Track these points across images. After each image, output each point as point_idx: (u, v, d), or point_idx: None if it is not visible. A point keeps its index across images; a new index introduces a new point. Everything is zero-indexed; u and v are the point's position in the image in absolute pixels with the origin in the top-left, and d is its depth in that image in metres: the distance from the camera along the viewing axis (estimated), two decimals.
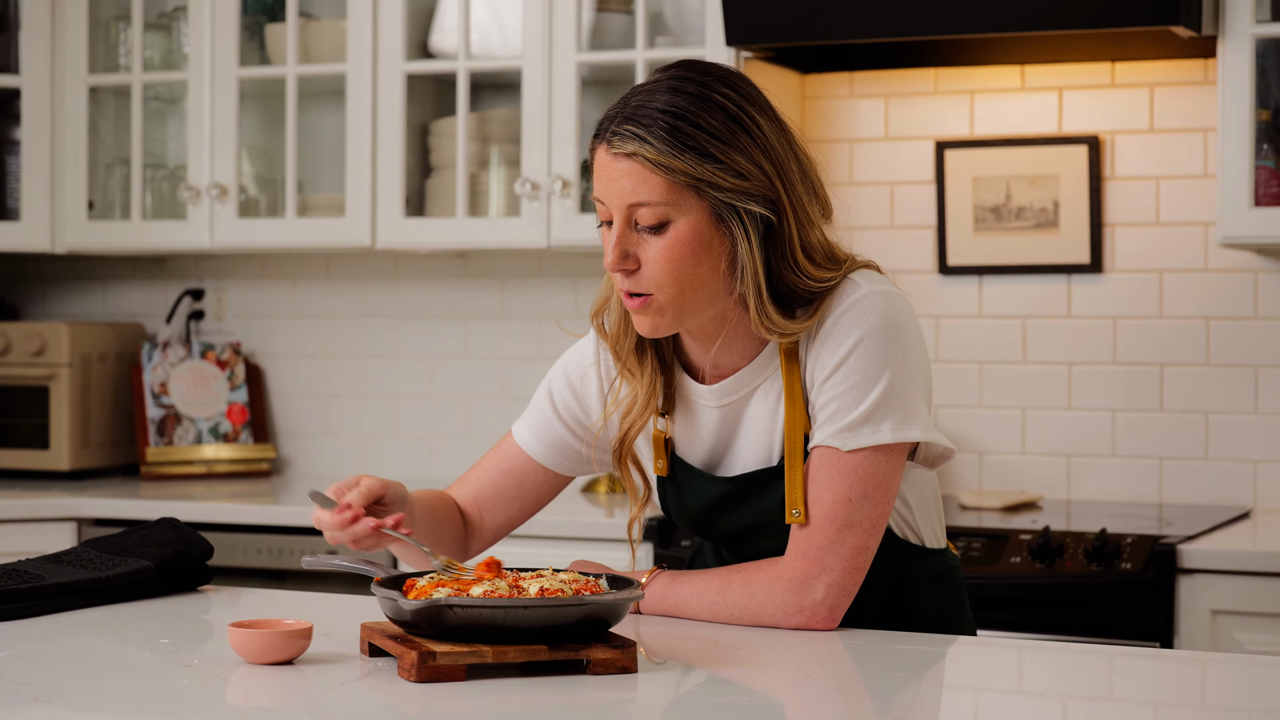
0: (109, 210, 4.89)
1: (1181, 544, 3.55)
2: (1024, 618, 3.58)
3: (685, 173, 2.29)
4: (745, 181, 2.31)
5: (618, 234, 2.33)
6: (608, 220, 2.35)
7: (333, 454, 4.99)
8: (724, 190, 2.30)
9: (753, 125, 2.33)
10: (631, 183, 2.31)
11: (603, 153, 2.34)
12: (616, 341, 2.48)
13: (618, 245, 2.33)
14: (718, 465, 2.51)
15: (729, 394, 2.46)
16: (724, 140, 2.31)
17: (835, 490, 2.36)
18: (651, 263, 2.33)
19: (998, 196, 4.31)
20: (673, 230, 2.31)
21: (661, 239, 2.32)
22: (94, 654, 2.25)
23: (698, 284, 2.34)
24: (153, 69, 4.82)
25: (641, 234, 2.33)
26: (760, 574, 2.41)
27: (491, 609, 2.07)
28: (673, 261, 2.32)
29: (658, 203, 2.30)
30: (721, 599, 2.42)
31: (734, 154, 2.31)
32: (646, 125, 2.30)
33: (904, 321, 2.38)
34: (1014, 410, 4.33)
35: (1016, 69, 4.31)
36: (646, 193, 2.30)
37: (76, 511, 4.37)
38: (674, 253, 2.31)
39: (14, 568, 2.59)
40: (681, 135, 2.29)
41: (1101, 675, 2.29)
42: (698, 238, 2.32)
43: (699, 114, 2.31)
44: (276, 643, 2.13)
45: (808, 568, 2.37)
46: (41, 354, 4.77)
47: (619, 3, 4.43)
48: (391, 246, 4.53)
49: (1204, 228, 4.18)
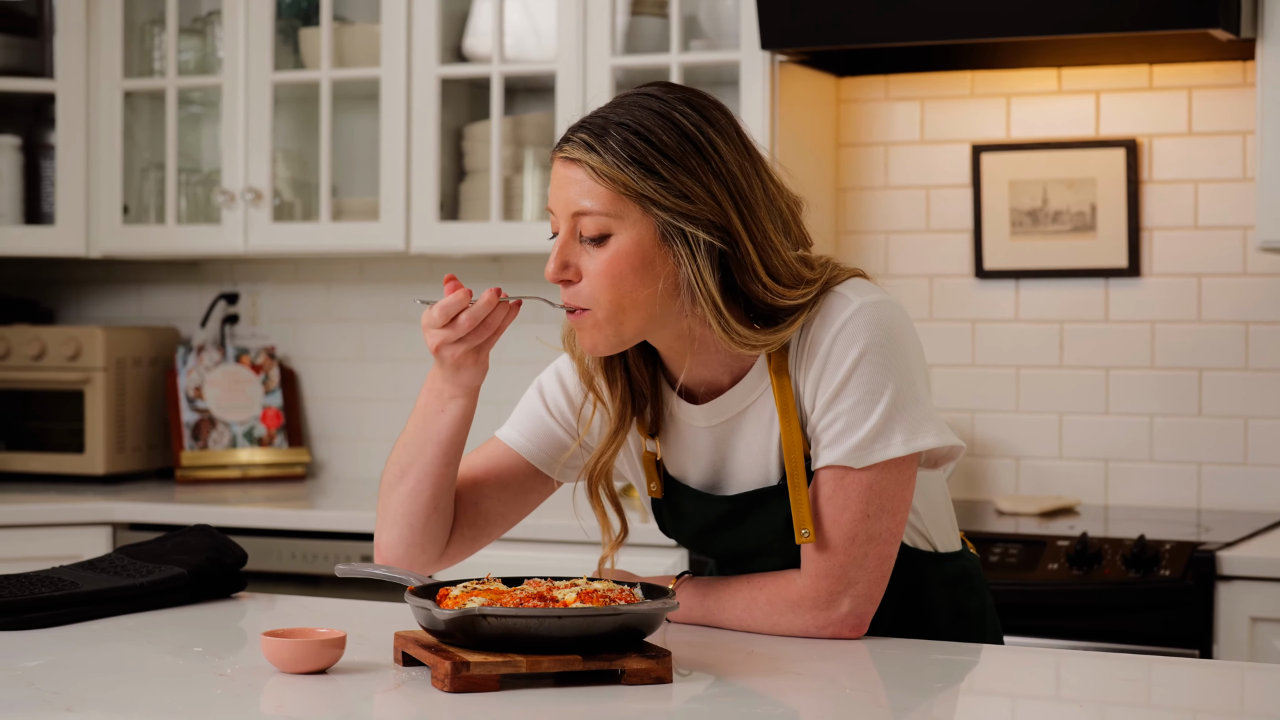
0: (144, 214, 4.89)
1: (1220, 550, 3.53)
2: (1061, 625, 3.56)
3: (627, 185, 2.25)
4: (688, 204, 2.26)
5: (561, 243, 2.30)
6: (555, 230, 2.32)
7: (367, 458, 4.99)
8: (666, 210, 2.26)
9: (708, 148, 2.28)
10: (576, 190, 2.28)
11: (557, 160, 2.32)
12: (580, 365, 2.45)
13: (559, 255, 2.29)
14: (715, 485, 2.48)
15: (719, 414, 2.42)
16: (673, 160, 2.26)
17: (852, 509, 2.34)
18: (590, 275, 2.29)
19: (1034, 200, 4.28)
20: (613, 243, 2.27)
21: (602, 251, 2.28)
22: (126, 662, 2.24)
23: (636, 301, 2.29)
24: (187, 73, 4.83)
25: (585, 245, 2.29)
26: (786, 591, 2.39)
27: (525, 619, 2.05)
28: (610, 276, 2.28)
29: (600, 213, 2.26)
30: (749, 615, 2.41)
31: (681, 174, 2.26)
32: (599, 135, 2.27)
33: (900, 329, 2.35)
34: (1051, 415, 4.31)
35: (1053, 72, 4.29)
36: (590, 201, 2.27)
37: (111, 516, 4.37)
38: (613, 267, 2.27)
39: (48, 575, 2.59)
40: (630, 149, 2.25)
41: (1139, 684, 2.27)
42: (639, 254, 2.27)
43: (653, 130, 2.26)
44: (309, 652, 2.12)
45: (833, 586, 2.36)
46: (77, 358, 4.78)
47: (654, 6, 4.42)
48: (425, 251, 4.52)
49: (1243, 231, 4.15)
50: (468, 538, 2.61)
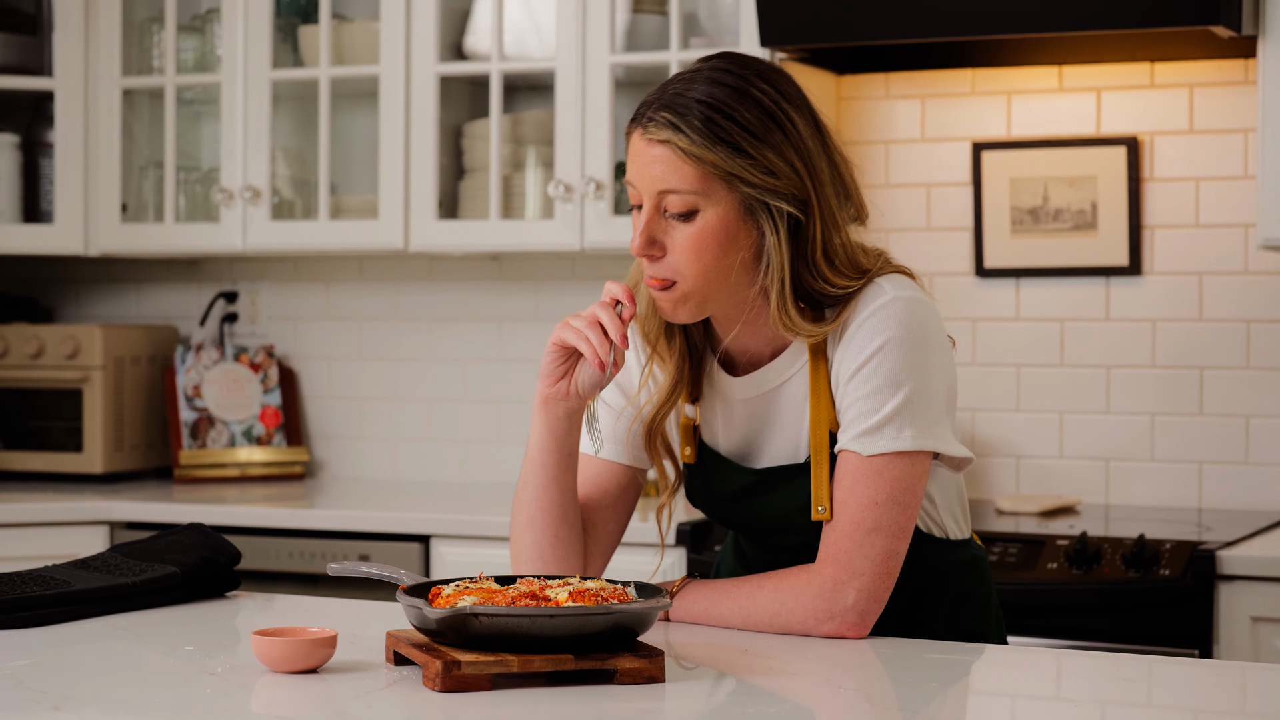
0: (142, 213, 4.88)
1: (1220, 550, 3.51)
2: (1061, 624, 3.54)
3: (716, 165, 2.29)
4: (775, 179, 2.31)
5: (646, 219, 2.34)
6: (638, 204, 2.36)
7: (366, 457, 4.97)
8: (753, 186, 2.31)
9: (788, 123, 2.33)
10: (663, 170, 2.31)
11: (637, 137, 2.35)
12: (645, 324, 2.48)
13: (645, 230, 2.34)
14: (746, 457, 2.50)
15: (757, 387, 2.45)
16: (758, 136, 2.31)
17: (860, 494, 2.35)
18: (677, 250, 2.33)
19: (1035, 198, 4.27)
20: (700, 220, 2.32)
21: (689, 227, 2.32)
22: (116, 661, 2.23)
23: (722, 274, 2.34)
24: (186, 71, 4.81)
25: (670, 221, 2.34)
26: (791, 580, 2.39)
27: (517, 618, 2.04)
28: (698, 251, 2.32)
29: (687, 191, 2.31)
30: (752, 604, 2.40)
31: (766, 150, 2.31)
32: (682, 114, 2.30)
33: (928, 329, 2.37)
34: (1051, 414, 4.30)
35: (1054, 69, 4.27)
36: (677, 181, 2.31)
37: (109, 515, 4.36)
38: (700, 242, 2.32)
39: (40, 574, 2.58)
40: (715, 127, 2.29)
41: (1139, 683, 2.26)
42: (724, 229, 2.32)
43: (735, 107, 2.31)
44: (300, 651, 2.11)
45: (837, 573, 2.35)
46: (75, 357, 4.77)
47: (653, 4, 4.40)
48: (424, 249, 4.51)
49: (1244, 229, 4.13)
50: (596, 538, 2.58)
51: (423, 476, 4.92)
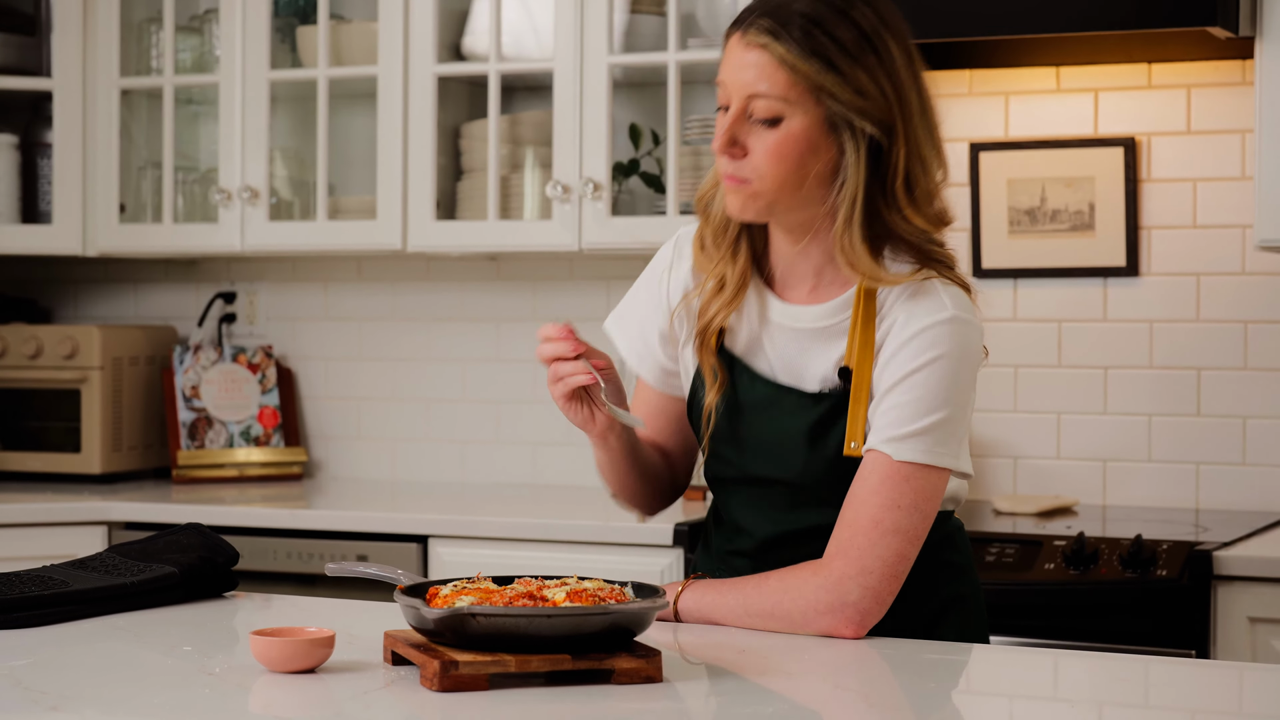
0: (140, 213, 4.88)
1: (1218, 550, 3.51)
2: (1058, 625, 3.54)
3: (808, 76, 2.36)
4: (863, 100, 2.37)
5: (732, 119, 2.41)
6: (725, 105, 2.43)
7: (364, 457, 4.98)
8: (841, 102, 2.37)
9: (884, 48, 2.39)
10: (755, 74, 2.38)
11: (735, 39, 2.42)
12: (718, 227, 2.54)
13: (729, 131, 2.41)
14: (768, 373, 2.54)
15: (797, 319, 2.50)
16: (852, 55, 2.37)
17: (884, 495, 2.39)
18: (758, 153, 2.40)
19: (1033, 199, 4.27)
20: (784, 127, 2.39)
21: (772, 133, 2.39)
22: (114, 662, 2.23)
23: (796, 182, 2.41)
24: (184, 71, 4.82)
25: (754, 124, 2.40)
26: (797, 571, 2.42)
27: (515, 618, 2.04)
28: (778, 155, 2.39)
29: (776, 98, 2.38)
30: (757, 595, 2.42)
31: (859, 70, 2.37)
32: (783, 23, 2.37)
33: (975, 358, 2.45)
34: (1049, 414, 4.30)
35: (1052, 70, 4.28)
36: (767, 86, 2.38)
37: (107, 515, 4.36)
38: (780, 148, 2.39)
39: (38, 574, 2.58)
40: (813, 40, 2.37)
41: (1137, 684, 2.26)
42: (806, 139, 2.39)
43: (835, 24, 2.38)
44: (298, 651, 2.11)
45: (845, 566, 2.38)
46: (73, 357, 4.77)
47: (651, 4, 4.40)
48: (422, 249, 4.51)
49: (1242, 230, 4.14)
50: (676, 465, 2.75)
51: (421, 477, 4.92)
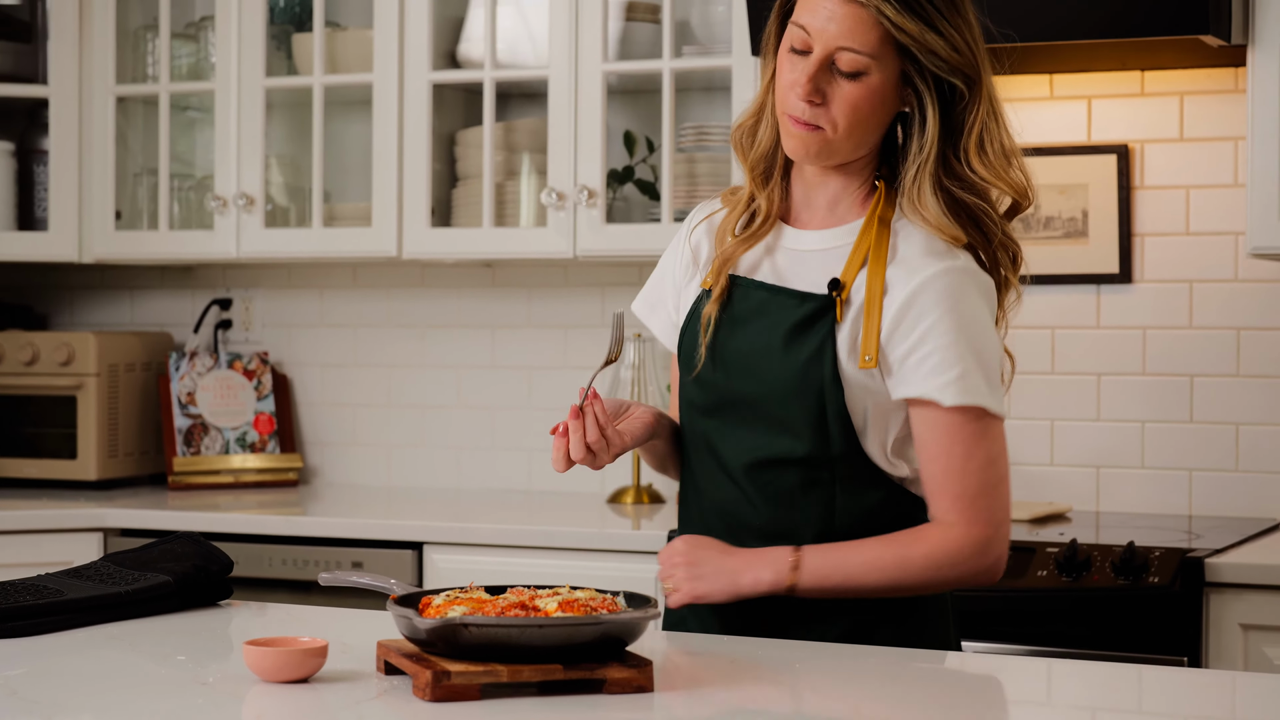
0: (136, 220, 4.89)
1: (1209, 558, 3.52)
2: (1050, 631, 3.55)
3: (912, 35, 2.43)
4: (958, 56, 2.46)
5: (814, 69, 2.45)
6: (803, 50, 2.47)
7: (360, 463, 4.99)
8: (939, 59, 2.45)
9: (965, 5, 2.49)
10: (849, 27, 2.44)
11: None
12: (761, 157, 2.59)
13: (812, 80, 2.45)
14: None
15: (804, 243, 2.56)
16: (943, 14, 2.45)
17: (982, 453, 2.47)
18: (838, 102, 2.46)
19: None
20: (866, 81, 2.45)
21: (854, 85, 2.45)
22: (109, 671, 2.24)
23: (866, 132, 2.49)
24: (180, 79, 4.83)
25: (834, 75, 2.46)
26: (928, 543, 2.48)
27: (507, 628, 2.05)
28: (858, 108, 2.46)
29: (866, 54, 2.44)
30: (901, 572, 2.47)
31: (951, 29, 2.45)
32: None
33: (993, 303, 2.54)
34: (1043, 421, 4.31)
35: (1045, 78, 4.29)
36: (861, 42, 2.43)
37: (103, 522, 4.37)
38: (862, 101, 2.46)
39: (33, 582, 2.59)
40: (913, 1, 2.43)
41: (1129, 692, 2.27)
42: (883, 93, 2.46)
43: None
44: (292, 661, 2.12)
45: (987, 532, 2.48)
46: (69, 363, 4.78)
47: (646, 12, 4.42)
48: (417, 257, 4.52)
49: (1234, 237, 4.15)
50: None
51: (416, 483, 4.93)
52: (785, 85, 2.48)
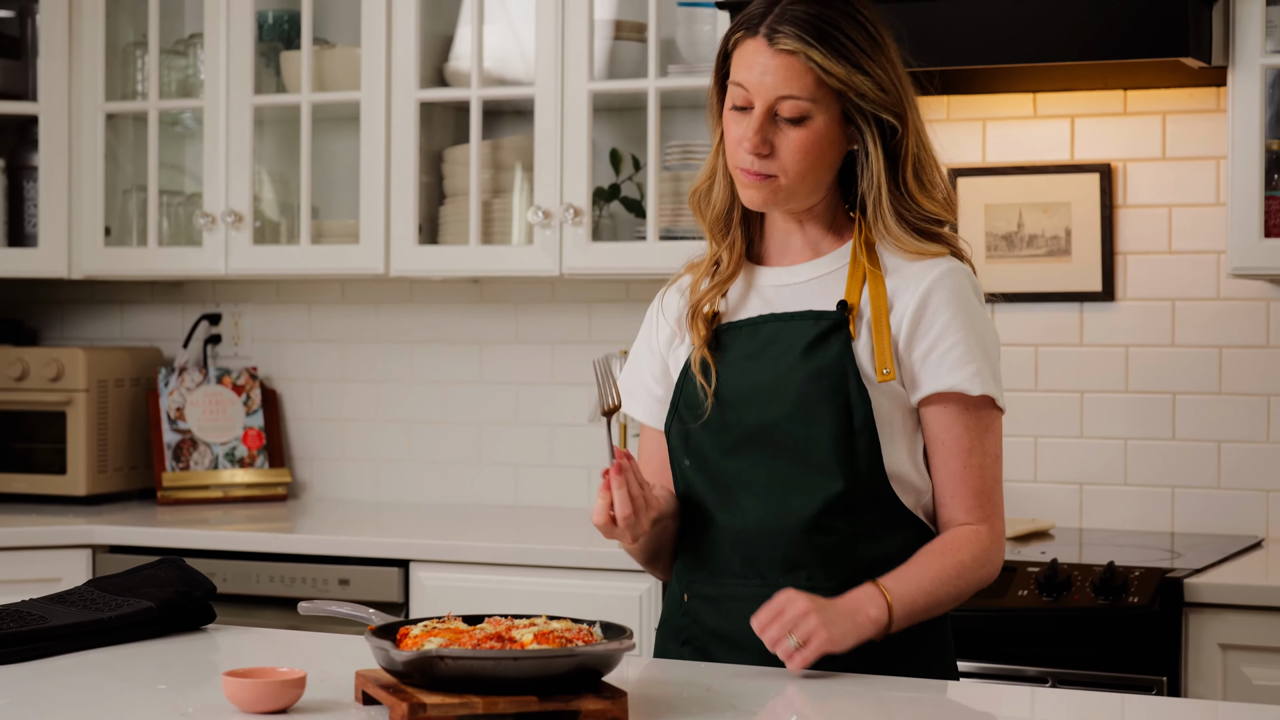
0: (126, 236, 4.91)
1: (1188, 578, 3.54)
2: (1031, 651, 3.57)
3: (840, 78, 2.52)
4: (884, 94, 2.55)
5: (759, 121, 2.54)
6: (744, 106, 2.56)
7: (348, 478, 5.00)
8: (868, 99, 2.54)
9: (886, 44, 2.59)
10: (784, 76, 2.53)
11: (759, 45, 2.55)
12: (718, 217, 2.67)
13: (759, 132, 2.54)
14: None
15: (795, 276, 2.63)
16: (868, 54, 2.55)
17: (987, 448, 2.57)
18: (786, 150, 2.55)
19: (1010, 224, 4.30)
20: (810, 125, 2.54)
21: (799, 131, 2.54)
22: (90, 700, 2.26)
23: (819, 173, 2.57)
24: (169, 96, 4.85)
25: (779, 124, 2.55)
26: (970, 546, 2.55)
27: (482, 660, 2.07)
28: (805, 152, 2.55)
29: (806, 99, 2.53)
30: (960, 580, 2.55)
31: (877, 68, 2.55)
32: (804, 29, 2.52)
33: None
34: (1026, 438, 4.33)
35: (1028, 97, 4.31)
36: (799, 89, 2.53)
37: (91, 538, 4.38)
38: (809, 144, 2.55)
39: (16, 609, 2.61)
40: (835, 42, 2.52)
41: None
42: (828, 134, 2.55)
43: (849, 28, 2.55)
44: (270, 692, 2.14)
45: (999, 527, 2.59)
46: (59, 379, 4.80)
47: (632, 31, 4.43)
48: (404, 274, 4.54)
49: (1216, 256, 4.17)
50: None
51: (404, 497, 4.95)
52: (734, 141, 2.57)
